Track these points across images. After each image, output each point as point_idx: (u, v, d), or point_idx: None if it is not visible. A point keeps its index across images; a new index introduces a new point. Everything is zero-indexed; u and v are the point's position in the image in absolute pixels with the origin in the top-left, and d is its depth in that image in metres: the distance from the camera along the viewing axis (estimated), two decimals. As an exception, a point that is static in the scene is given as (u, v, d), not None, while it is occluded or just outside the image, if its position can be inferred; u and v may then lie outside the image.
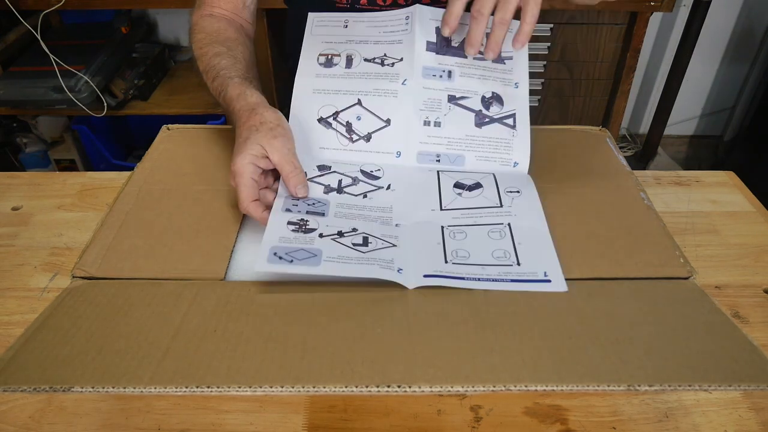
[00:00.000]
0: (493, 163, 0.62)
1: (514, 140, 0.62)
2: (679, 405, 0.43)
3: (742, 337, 0.44)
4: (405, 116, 0.62)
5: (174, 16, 1.90)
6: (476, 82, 0.63)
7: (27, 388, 0.40)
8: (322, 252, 0.49)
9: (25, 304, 0.52)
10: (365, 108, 0.62)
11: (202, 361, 0.42)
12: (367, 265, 0.49)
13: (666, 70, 1.88)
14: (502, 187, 0.60)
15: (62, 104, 1.55)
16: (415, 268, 0.50)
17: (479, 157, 0.62)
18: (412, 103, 0.62)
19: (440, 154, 0.62)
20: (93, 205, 0.65)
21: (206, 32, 0.69)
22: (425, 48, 0.63)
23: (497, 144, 0.62)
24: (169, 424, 0.41)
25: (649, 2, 1.50)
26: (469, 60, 0.63)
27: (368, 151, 0.62)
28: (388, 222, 0.56)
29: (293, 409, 0.46)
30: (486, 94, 0.63)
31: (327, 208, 0.56)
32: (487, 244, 0.53)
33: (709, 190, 0.68)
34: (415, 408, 0.46)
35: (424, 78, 0.63)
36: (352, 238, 0.52)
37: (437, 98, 0.62)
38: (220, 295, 0.48)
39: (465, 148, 0.62)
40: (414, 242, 0.53)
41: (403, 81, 0.62)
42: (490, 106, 0.63)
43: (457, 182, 0.60)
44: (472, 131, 0.62)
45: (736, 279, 0.55)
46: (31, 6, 1.53)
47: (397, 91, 0.62)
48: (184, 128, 0.73)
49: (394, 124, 0.62)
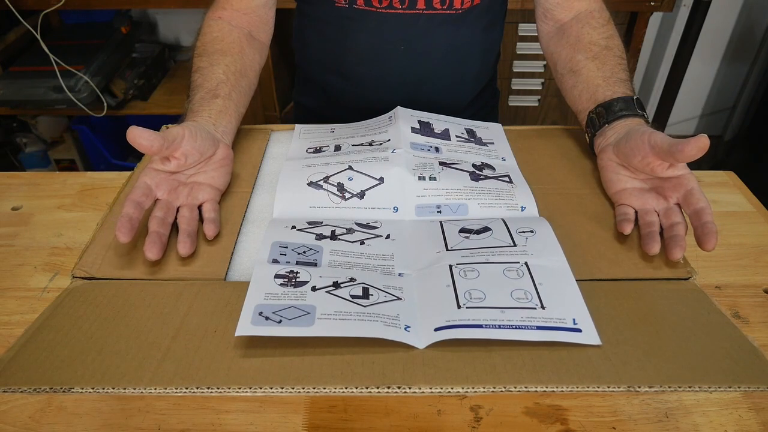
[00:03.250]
0: (498, 209, 0.57)
1: (515, 190, 0.59)
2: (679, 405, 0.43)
3: (742, 338, 0.44)
4: (398, 174, 0.59)
5: (174, 16, 1.90)
6: (464, 155, 0.64)
7: (27, 389, 0.40)
8: (316, 308, 0.44)
9: (25, 304, 0.52)
10: (356, 171, 0.60)
11: (202, 361, 0.42)
12: (369, 322, 0.43)
13: (666, 70, 1.88)
14: (513, 228, 0.54)
15: (62, 104, 1.55)
16: (423, 322, 0.44)
17: (483, 204, 0.58)
18: (405, 164, 0.60)
19: (440, 204, 0.58)
20: (93, 205, 0.65)
21: (202, 41, 0.70)
22: (410, 131, 0.66)
23: (499, 193, 0.59)
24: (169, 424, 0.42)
25: (649, 2, 1.50)
26: (453, 141, 0.66)
27: (363, 207, 0.58)
28: (390, 271, 0.50)
29: (293, 409, 0.46)
30: (476, 162, 0.63)
31: (320, 257, 0.50)
32: (503, 283, 0.47)
33: (709, 190, 0.68)
34: (415, 408, 0.46)
35: (413, 149, 0.63)
36: (349, 289, 0.46)
37: (429, 163, 0.61)
38: (220, 295, 0.48)
39: (466, 197, 0.58)
40: (421, 291, 0.47)
41: (393, 150, 0.62)
42: (483, 169, 0.62)
43: (462, 228, 0.54)
44: (470, 184, 0.59)
45: (736, 279, 0.55)
46: (31, 6, 1.53)
47: (387, 158, 0.61)
48: (184, 128, 0.73)
49: (388, 182, 0.59)
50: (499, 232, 0.53)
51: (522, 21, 1.56)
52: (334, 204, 0.58)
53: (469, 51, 0.80)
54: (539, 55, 1.60)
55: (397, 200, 0.58)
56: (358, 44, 0.78)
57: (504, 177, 0.61)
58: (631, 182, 0.57)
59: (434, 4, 0.74)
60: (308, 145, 0.67)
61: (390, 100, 0.82)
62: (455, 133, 0.68)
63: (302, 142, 0.68)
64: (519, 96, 1.71)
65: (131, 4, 1.64)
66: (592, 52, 0.68)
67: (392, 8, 0.74)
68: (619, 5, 1.52)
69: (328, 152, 0.65)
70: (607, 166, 0.59)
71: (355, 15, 0.75)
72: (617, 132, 0.60)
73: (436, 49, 0.78)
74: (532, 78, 1.66)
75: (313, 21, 0.81)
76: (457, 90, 0.84)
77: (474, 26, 0.78)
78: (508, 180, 0.61)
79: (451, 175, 0.60)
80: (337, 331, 0.41)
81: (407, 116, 0.68)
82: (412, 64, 0.79)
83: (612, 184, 0.58)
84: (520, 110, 1.75)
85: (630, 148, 0.56)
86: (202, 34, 0.71)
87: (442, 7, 0.74)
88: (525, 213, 0.57)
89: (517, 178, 0.61)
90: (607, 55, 0.67)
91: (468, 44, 0.79)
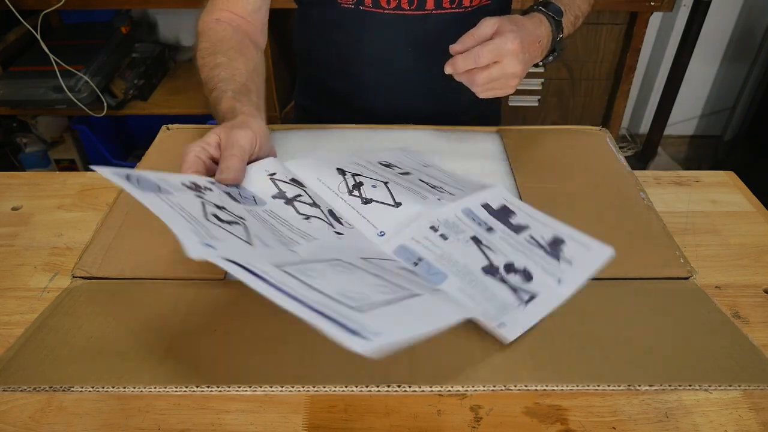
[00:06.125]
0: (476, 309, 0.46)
1: (515, 311, 0.45)
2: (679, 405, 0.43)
3: (742, 337, 0.44)
4: (418, 212, 0.53)
5: (174, 16, 1.90)
6: (511, 250, 0.50)
7: (27, 388, 0.40)
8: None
9: (25, 304, 0.52)
10: (387, 187, 0.56)
11: (202, 361, 0.42)
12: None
13: (666, 70, 1.88)
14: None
15: (62, 104, 1.55)
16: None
17: (464, 292, 0.47)
18: (434, 209, 0.53)
19: (423, 259, 0.49)
20: (93, 205, 0.65)
21: (210, 41, 0.68)
22: (480, 203, 0.56)
23: (493, 303, 0.46)
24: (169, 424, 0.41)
25: (649, 2, 1.50)
26: (520, 237, 0.52)
27: (356, 211, 0.54)
28: (289, 241, 0.45)
29: (293, 409, 0.46)
30: (516, 262, 0.49)
31: (249, 203, 0.49)
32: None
33: (709, 190, 0.68)
34: (415, 408, 0.46)
35: (463, 212, 0.54)
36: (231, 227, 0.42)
37: (460, 226, 0.52)
38: (220, 295, 0.48)
39: (448, 271, 0.48)
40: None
41: (439, 198, 0.55)
42: (512, 273, 0.48)
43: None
44: (471, 272, 0.48)
45: (736, 279, 0.55)
46: (31, 6, 1.53)
47: (426, 198, 0.55)
48: (184, 128, 0.73)
49: (401, 211, 0.53)
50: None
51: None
52: (338, 192, 0.56)
53: None
54: (539, 55, 1.60)
55: (390, 228, 0.52)
56: (365, 46, 0.77)
57: (524, 294, 0.47)
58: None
59: (443, 3, 0.73)
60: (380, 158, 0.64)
61: (395, 102, 0.82)
62: (534, 234, 0.52)
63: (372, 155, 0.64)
64: (519, 96, 1.71)
65: (131, 4, 1.64)
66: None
67: (400, 9, 0.73)
68: (619, 5, 1.52)
69: (390, 169, 0.61)
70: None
71: (361, 16, 0.74)
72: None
73: (444, 50, 0.78)
74: (532, 78, 1.66)
75: (317, 23, 0.80)
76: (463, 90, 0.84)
77: None
78: (524, 299, 0.46)
79: (464, 247, 0.50)
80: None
81: (500, 195, 0.57)
82: (419, 65, 0.78)
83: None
84: (520, 110, 1.75)
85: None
86: (206, 36, 0.69)
87: (451, 6, 0.74)
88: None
89: (541, 308, 0.46)
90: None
91: None
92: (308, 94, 0.90)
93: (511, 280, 0.48)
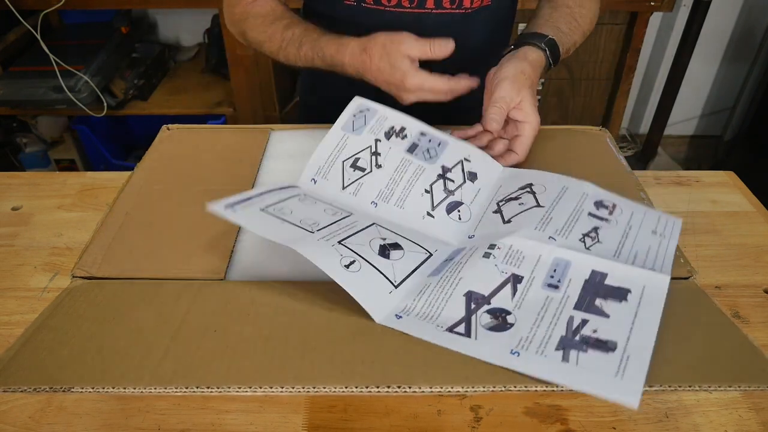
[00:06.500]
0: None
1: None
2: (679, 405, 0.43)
3: (742, 337, 0.44)
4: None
5: (174, 16, 1.90)
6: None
7: (27, 388, 0.40)
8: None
9: (25, 304, 0.52)
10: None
11: (202, 361, 0.42)
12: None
13: (666, 70, 1.88)
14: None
15: (62, 104, 1.55)
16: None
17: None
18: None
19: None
20: (93, 205, 0.65)
21: (262, 15, 0.71)
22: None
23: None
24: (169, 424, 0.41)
25: (649, 2, 1.50)
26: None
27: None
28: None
29: (293, 409, 0.46)
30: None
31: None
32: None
33: (709, 190, 0.68)
34: (415, 408, 0.46)
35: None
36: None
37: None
38: (220, 295, 0.48)
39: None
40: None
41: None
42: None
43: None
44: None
45: (736, 279, 0.55)
46: (31, 6, 1.53)
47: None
48: (184, 128, 0.73)
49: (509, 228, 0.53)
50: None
51: (522, 21, 1.56)
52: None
53: (476, 51, 0.80)
54: (539, 55, 1.60)
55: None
56: None
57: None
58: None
59: (443, 3, 0.74)
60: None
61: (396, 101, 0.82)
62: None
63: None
64: (519, 96, 1.71)
65: (131, 4, 1.64)
66: (555, 5, 0.73)
67: (401, 7, 0.74)
68: (619, 5, 1.52)
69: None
70: (486, 87, 0.65)
71: (363, 13, 0.76)
72: (506, 58, 0.66)
73: None
74: (532, 78, 1.66)
75: (321, 19, 0.81)
76: None
77: (483, 27, 0.78)
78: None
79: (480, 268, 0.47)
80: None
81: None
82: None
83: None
84: (520, 110, 1.75)
85: (489, 78, 0.65)
86: (253, 16, 0.72)
87: (451, 6, 0.74)
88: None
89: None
90: (563, 9, 0.72)
91: (477, 45, 0.79)
92: (312, 91, 0.91)
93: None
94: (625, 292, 0.45)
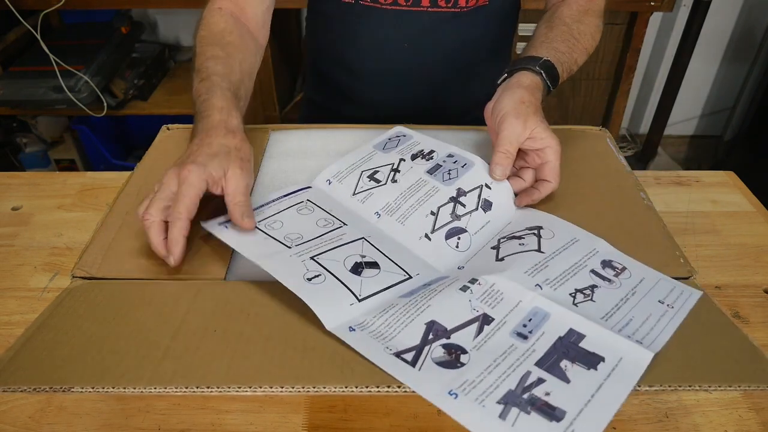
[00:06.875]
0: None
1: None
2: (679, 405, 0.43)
3: (742, 337, 0.44)
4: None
5: (174, 16, 1.90)
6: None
7: (27, 388, 0.40)
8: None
9: (25, 304, 0.52)
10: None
11: (202, 361, 0.42)
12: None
13: (666, 70, 1.88)
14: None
15: (62, 104, 1.55)
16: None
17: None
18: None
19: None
20: (93, 205, 0.65)
21: (210, 30, 0.67)
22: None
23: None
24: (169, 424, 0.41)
25: (649, 2, 1.50)
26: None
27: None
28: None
29: (293, 409, 0.46)
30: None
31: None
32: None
33: (709, 190, 0.68)
34: (415, 408, 0.46)
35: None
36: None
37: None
38: (220, 295, 0.48)
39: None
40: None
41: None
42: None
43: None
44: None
45: (736, 279, 0.55)
46: (31, 6, 1.53)
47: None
48: (184, 128, 0.73)
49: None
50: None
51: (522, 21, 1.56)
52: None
53: (475, 51, 0.81)
54: (539, 55, 1.60)
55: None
56: (363, 40, 0.78)
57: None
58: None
59: (439, 2, 0.74)
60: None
61: (397, 97, 0.82)
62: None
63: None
64: (519, 96, 1.71)
65: (131, 4, 1.64)
66: (551, 24, 0.69)
67: (397, 5, 0.74)
68: (619, 5, 1.52)
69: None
70: (488, 125, 0.61)
71: (360, 11, 0.76)
72: (501, 88, 0.62)
73: (440, 48, 0.78)
74: (532, 78, 1.67)
75: (322, 16, 0.82)
76: (465, 90, 0.84)
77: (480, 26, 0.78)
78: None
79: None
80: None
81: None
82: (416, 61, 0.79)
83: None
84: (520, 110, 1.75)
85: (488, 114, 0.60)
86: (207, 23, 0.68)
87: (446, 5, 0.74)
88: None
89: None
90: (560, 28, 0.68)
91: (474, 44, 0.79)
92: (316, 87, 0.91)
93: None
94: (597, 360, 0.40)
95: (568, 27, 0.68)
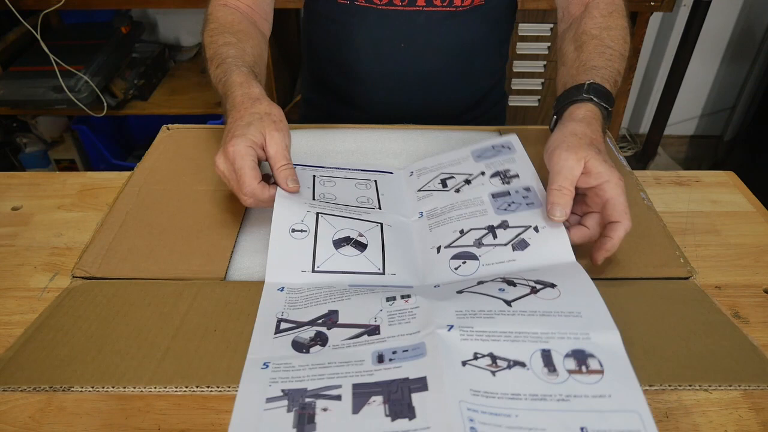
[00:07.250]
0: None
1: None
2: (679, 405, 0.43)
3: (742, 337, 0.44)
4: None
5: (174, 16, 1.90)
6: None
7: (27, 388, 0.40)
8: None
9: (25, 304, 0.52)
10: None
11: (202, 361, 0.42)
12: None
13: (666, 70, 1.88)
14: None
15: (62, 104, 1.55)
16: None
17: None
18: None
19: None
20: (93, 205, 0.65)
21: (219, 22, 0.69)
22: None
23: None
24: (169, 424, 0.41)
25: (649, 2, 1.50)
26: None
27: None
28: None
29: (293, 409, 0.46)
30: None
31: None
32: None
33: (709, 190, 0.68)
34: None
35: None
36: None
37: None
38: (220, 295, 0.48)
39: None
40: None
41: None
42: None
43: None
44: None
45: (736, 279, 0.55)
46: (31, 6, 1.53)
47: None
48: (184, 128, 0.73)
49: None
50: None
51: (522, 21, 1.56)
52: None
53: (471, 50, 0.80)
54: (539, 55, 1.60)
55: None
56: (359, 41, 0.78)
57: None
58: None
59: (434, 1, 0.74)
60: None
61: (394, 97, 0.82)
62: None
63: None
64: (519, 96, 1.71)
65: (131, 4, 1.64)
66: (580, 41, 0.64)
67: (392, 5, 0.74)
68: (619, 5, 1.52)
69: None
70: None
71: (356, 11, 0.76)
72: (554, 133, 0.56)
73: (437, 47, 0.78)
74: (532, 78, 1.66)
75: (318, 17, 0.82)
76: (462, 90, 0.84)
77: (477, 25, 0.78)
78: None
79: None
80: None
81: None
82: (412, 61, 0.79)
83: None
84: (519, 110, 1.75)
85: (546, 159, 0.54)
86: (214, 18, 0.69)
87: (442, 4, 0.74)
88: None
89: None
90: (590, 42, 0.63)
91: (470, 43, 0.79)
92: (313, 88, 0.91)
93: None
94: (404, 411, 0.36)
95: (599, 39, 0.63)
